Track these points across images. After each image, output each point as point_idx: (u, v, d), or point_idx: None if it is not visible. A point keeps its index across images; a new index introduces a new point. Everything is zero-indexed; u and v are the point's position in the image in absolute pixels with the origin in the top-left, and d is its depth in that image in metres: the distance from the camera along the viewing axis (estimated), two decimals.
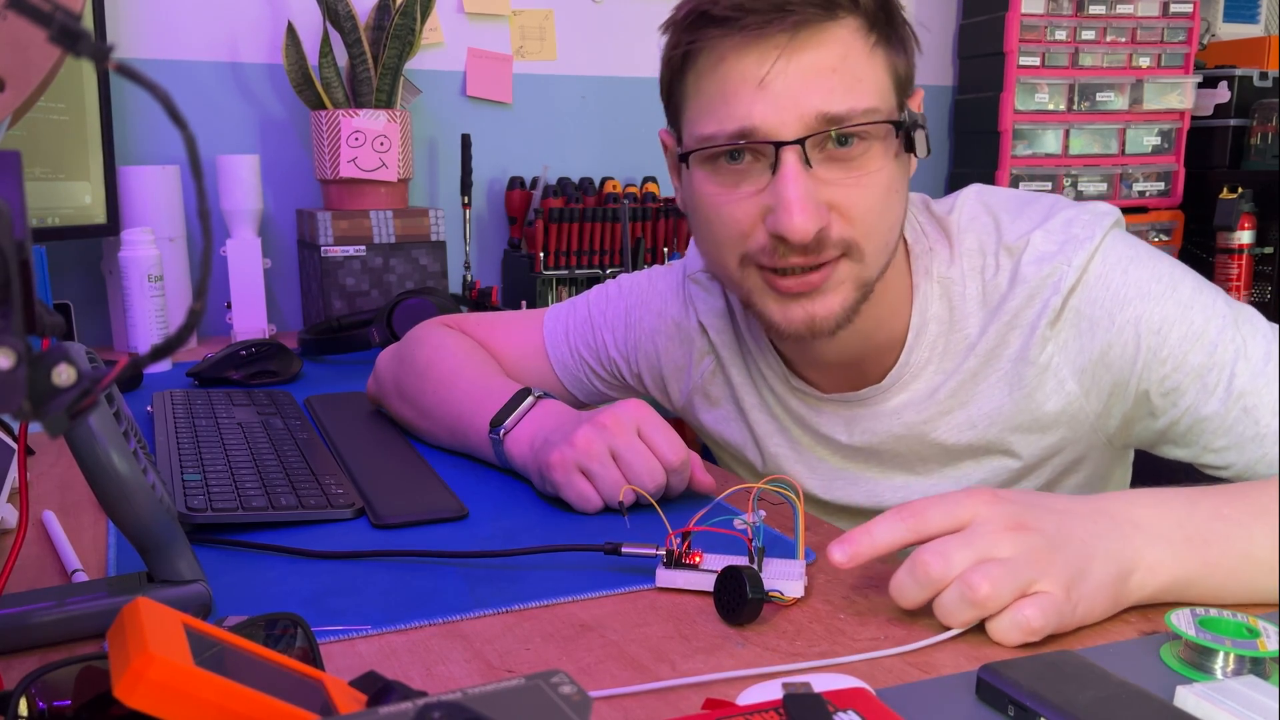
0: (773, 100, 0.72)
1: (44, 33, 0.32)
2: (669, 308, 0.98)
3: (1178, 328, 0.76)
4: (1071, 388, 0.80)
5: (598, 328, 1.01)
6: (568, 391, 1.04)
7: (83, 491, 0.83)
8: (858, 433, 0.88)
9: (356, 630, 0.58)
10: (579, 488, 0.77)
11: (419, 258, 1.63)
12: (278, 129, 1.75)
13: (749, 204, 0.75)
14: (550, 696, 0.36)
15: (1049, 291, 0.79)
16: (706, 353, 0.96)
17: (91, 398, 0.34)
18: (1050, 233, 0.80)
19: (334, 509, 0.77)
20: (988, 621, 0.56)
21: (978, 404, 0.83)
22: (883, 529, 0.60)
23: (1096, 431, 0.82)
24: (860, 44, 0.73)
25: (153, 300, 1.34)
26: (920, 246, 0.84)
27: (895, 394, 0.85)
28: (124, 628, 0.36)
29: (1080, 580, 0.56)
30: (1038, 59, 2.16)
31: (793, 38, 0.72)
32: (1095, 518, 0.60)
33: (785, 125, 0.72)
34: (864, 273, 0.77)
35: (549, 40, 1.93)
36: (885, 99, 0.75)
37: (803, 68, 0.72)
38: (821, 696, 0.45)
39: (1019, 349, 0.81)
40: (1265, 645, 0.51)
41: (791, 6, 0.71)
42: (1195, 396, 0.76)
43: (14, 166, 0.35)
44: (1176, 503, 0.62)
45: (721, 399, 0.97)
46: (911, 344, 0.84)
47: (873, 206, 0.75)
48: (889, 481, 0.89)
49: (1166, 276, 0.78)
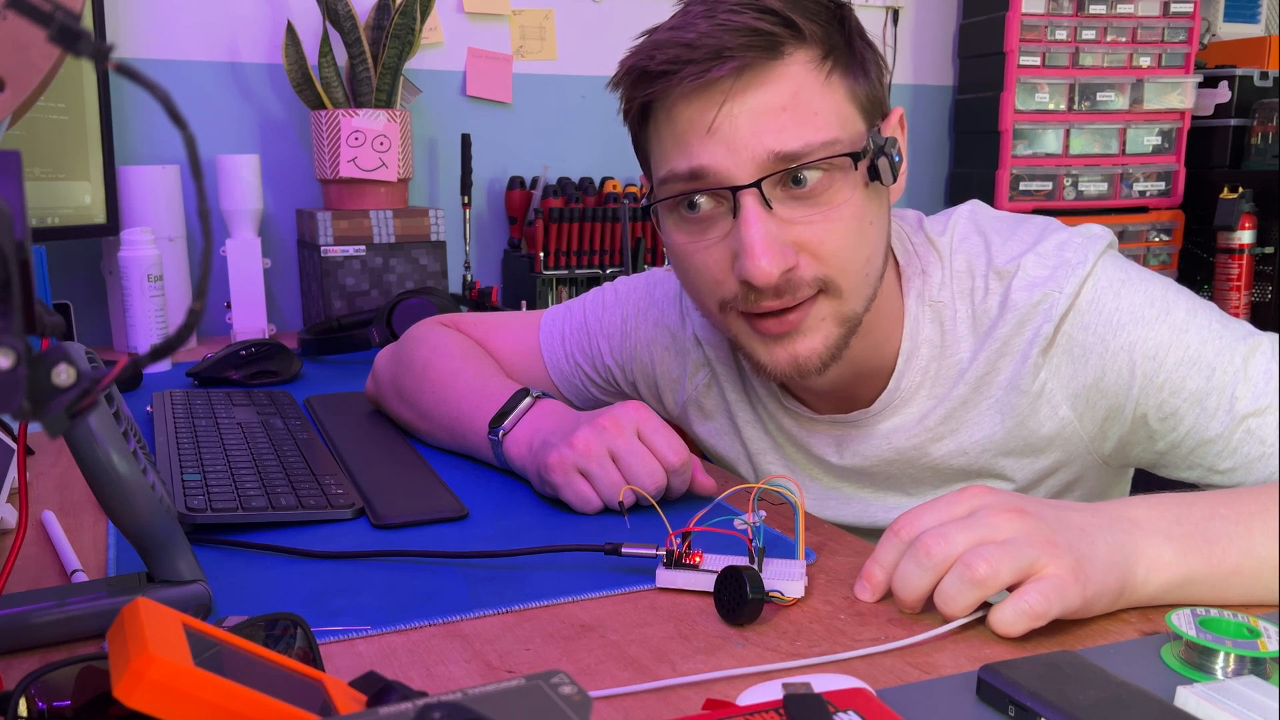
0: (724, 144, 0.71)
1: (44, 32, 0.32)
2: (665, 318, 0.97)
3: (1174, 352, 0.75)
4: (1065, 413, 0.80)
5: (594, 335, 1.01)
6: (563, 396, 1.03)
7: (83, 491, 0.83)
8: (848, 454, 0.87)
9: (356, 630, 0.58)
10: (578, 488, 0.77)
11: (419, 258, 1.63)
12: (277, 129, 1.75)
13: (717, 251, 0.75)
14: (550, 697, 0.36)
15: (1040, 319, 0.78)
16: (701, 365, 0.95)
17: (91, 398, 0.34)
18: (1043, 257, 0.79)
19: (334, 509, 0.77)
20: (991, 615, 0.56)
21: (968, 431, 0.82)
22: (886, 551, 0.61)
23: (1091, 453, 0.82)
24: (813, 77, 0.72)
25: (152, 300, 1.34)
26: (912, 268, 0.83)
27: (886, 418, 0.85)
28: (124, 628, 0.36)
29: (1086, 561, 0.56)
30: (1038, 59, 2.16)
31: (736, 80, 0.71)
32: (1094, 513, 0.61)
33: (739, 168, 0.71)
34: (844, 308, 0.76)
35: (549, 40, 1.93)
36: (847, 127, 0.73)
37: (752, 109, 0.71)
38: (821, 696, 0.45)
39: (1010, 377, 0.80)
40: (1266, 645, 0.51)
41: (729, 52, 0.70)
42: (1196, 420, 0.75)
43: (14, 166, 0.35)
44: (1171, 503, 0.62)
45: (715, 412, 0.96)
46: (902, 369, 0.83)
47: (843, 242, 0.74)
48: (881, 502, 0.89)
49: (1160, 300, 0.77)
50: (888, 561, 0.61)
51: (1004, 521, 0.57)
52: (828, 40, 0.73)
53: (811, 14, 0.73)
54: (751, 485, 0.66)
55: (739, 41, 0.70)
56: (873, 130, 0.75)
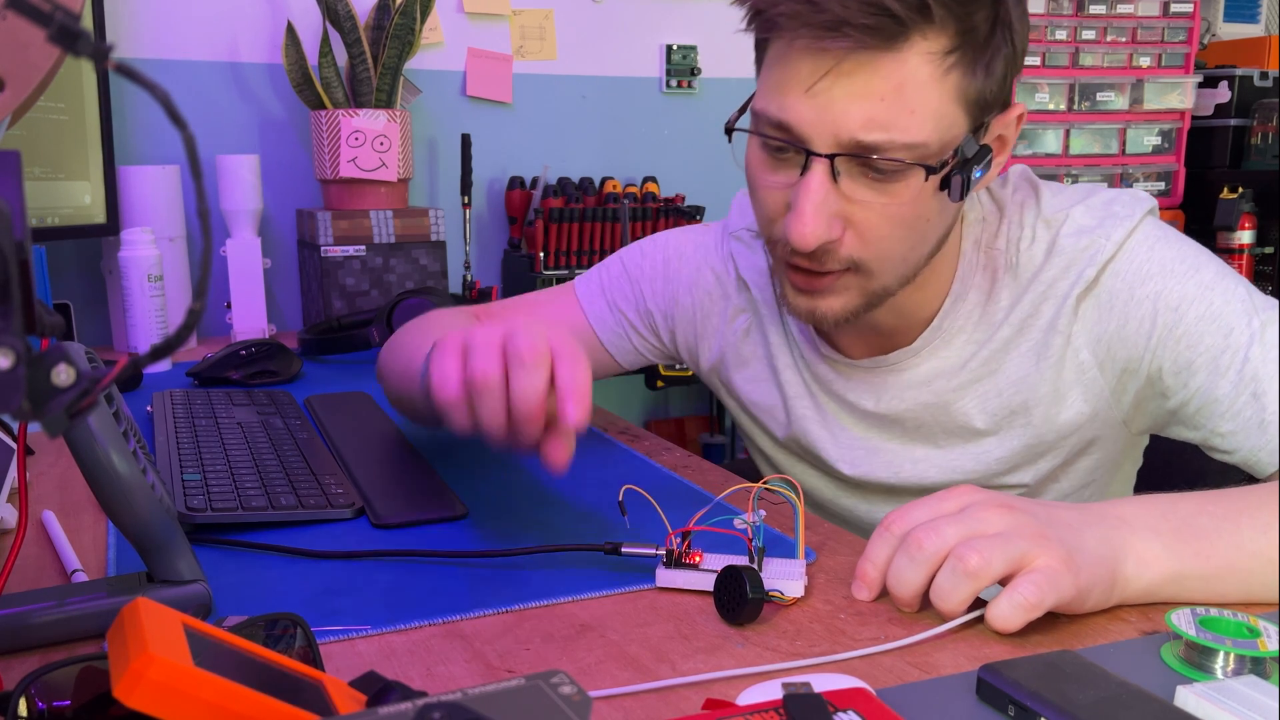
0: (815, 111, 0.70)
1: (43, 32, 0.32)
2: (710, 260, 0.98)
3: (1195, 307, 0.76)
4: (1086, 357, 0.81)
5: (635, 280, 1.00)
6: (609, 355, 1.02)
7: (83, 491, 0.83)
8: (885, 400, 0.87)
9: (356, 630, 0.58)
10: (443, 363, 0.63)
11: (419, 258, 1.63)
12: (277, 129, 1.75)
13: (779, 194, 0.76)
14: (550, 697, 0.36)
15: (1085, 263, 0.79)
16: (742, 310, 0.96)
17: (91, 398, 0.34)
18: (1091, 208, 0.81)
19: (334, 509, 0.77)
20: (988, 612, 0.56)
21: (1006, 372, 0.83)
22: (878, 547, 0.62)
23: (1112, 408, 0.82)
24: (926, 70, 0.69)
25: (152, 300, 1.34)
26: (974, 215, 0.84)
27: (926, 359, 0.85)
28: (124, 628, 0.36)
29: (1076, 552, 0.57)
30: (1038, 59, 2.16)
31: (847, 57, 0.68)
32: (1081, 511, 0.62)
33: (820, 137, 0.71)
34: (872, 284, 0.77)
35: (549, 40, 1.93)
36: (943, 129, 0.71)
37: (851, 89, 0.69)
38: (821, 696, 0.45)
39: (1050, 319, 0.81)
40: (1265, 645, 0.51)
41: (849, 29, 0.67)
42: (1207, 377, 0.76)
43: (14, 166, 0.35)
44: (1159, 501, 0.64)
45: (752, 359, 0.96)
46: (948, 309, 0.83)
47: (892, 232, 0.74)
48: (909, 453, 0.89)
49: (1191, 258, 0.78)
50: (880, 558, 0.61)
51: (994, 516, 0.58)
52: (963, 28, 0.69)
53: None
54: (751, 485, 0.66)
55: (864, 20, 0.66)
56: (973, 133, 0.73)
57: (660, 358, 1.03)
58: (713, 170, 2.07)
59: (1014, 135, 0.79)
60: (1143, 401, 0.82)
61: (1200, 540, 0.61)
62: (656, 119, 2.05)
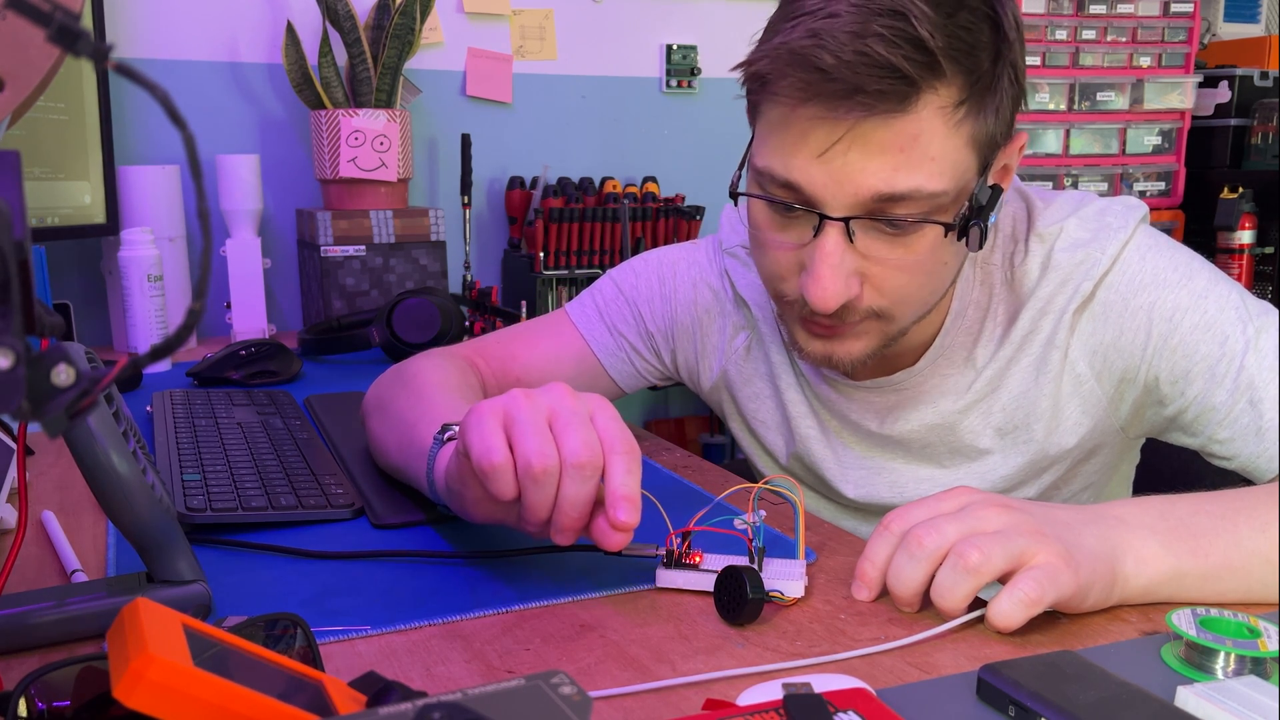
0: (829, 175, 0.69)
1: (43, 32, 0.32)
2: (705, 276, 0.96)
3: (1190, 316, 0.77)
4: (1083, 369, 0.81)
5: (633, 302, 0.98)
6: (612, 381, 1.00)
7: (82, 491, 0.83)
8: (889, 421, 0.87)
9: (356, 630, 0.58)
10: (485, 434, 0.58)
11: (419, 258, 1.63)
12: (277, 129, 1.75)
13: (789, 255, 0.74)
14: (550, 697, 0.36)
15: (1081, 277, 0.79)
16: (741, 328, 0.95)
17: (91, 398, 0.34)
18: (1084, 220, 0.81)
19: (333, 509, 0.77)
20: (989, 610, 0.56)
21: (1008, 389, 0.83)
22: (877, 547, 0.62)
23: (1111, 417, 0.82)
24: (940, 121, 0.68)
25: (152, 300, 1.34)
26: None
27: (929, 378, 0.85)
28: (124, 628, 0.36)
29: (1075, 549, 0.58)
30: (1038, 59, 2.16)
31: (861, 121, 0.67)
32: (1078, 511, 0.63)
33: (836, 200, 0.70)
34: (891, 328, 0.77)
35: (549, 40, 1.93)
36: (958, 174, 0.70)
37: (867, 147, 0.68)
38: (821, 696, 0.45)
39: (1048, 334, 0.81)
40: (1266, 645, 0.51)
41: (863, 97, 0.65)
42: (1204, 385, 0.76)
43: (14, 166, 0.35)
44: (1156, 502, 0.64)
45: (754, 377, 0.95)
46: (949, 327, 0.83)
47: (910, 281, 0.73)
48: (913, 473, 0.88)
49: (1184, 266, 0.78)
50: (880, 558, 0.61)
51: (993, 514, 0.59)
52: (971, 76, 0.68)
53: (967, 47, 0.67)
54: (751, 485, 0.66)
55: (877, 86, 0.65)
56: (981, 172, 0.72)
57: (658, 379, 1.02)
58: (713, 170, 2.07)
59: (1017, 162, 0.78)
60: (1140, 409, 0.82)
61: (1198, 539, 0.61)
62: (656, 119, 2.05)
